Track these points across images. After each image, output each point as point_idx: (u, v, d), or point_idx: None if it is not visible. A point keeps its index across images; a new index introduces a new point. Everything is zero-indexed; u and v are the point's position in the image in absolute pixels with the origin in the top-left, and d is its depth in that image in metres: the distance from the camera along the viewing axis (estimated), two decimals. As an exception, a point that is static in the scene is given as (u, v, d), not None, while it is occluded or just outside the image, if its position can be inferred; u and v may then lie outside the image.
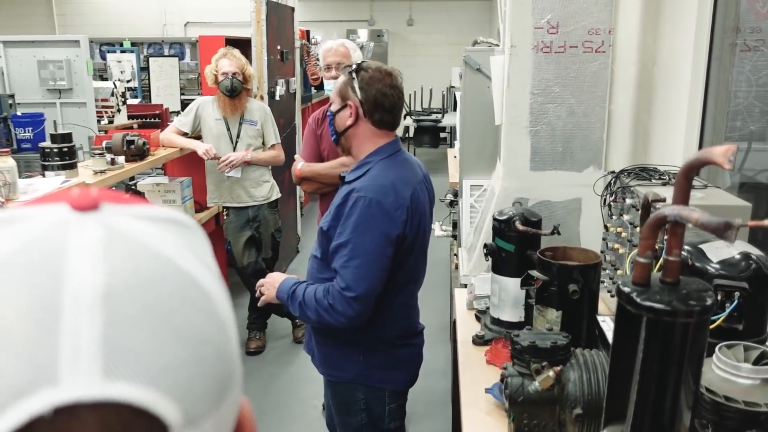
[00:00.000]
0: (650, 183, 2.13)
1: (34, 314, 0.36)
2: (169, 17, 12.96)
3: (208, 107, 3.95)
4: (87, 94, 6.87)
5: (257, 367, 3.95)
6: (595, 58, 2.76)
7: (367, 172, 2.00)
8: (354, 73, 2.01)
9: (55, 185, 2.75)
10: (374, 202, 1.89)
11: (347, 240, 1.89)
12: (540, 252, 1.77)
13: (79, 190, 0.43)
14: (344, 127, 2.02)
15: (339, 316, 1.89)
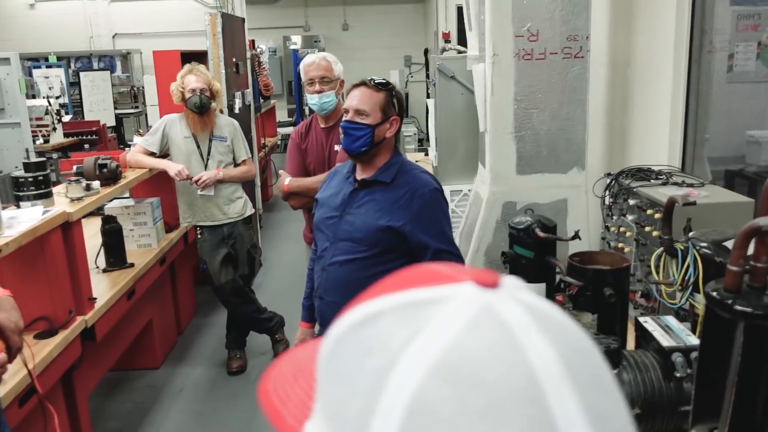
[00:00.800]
0: (650, 184, 2.22)
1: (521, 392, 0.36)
2: (95, 29, 12.49)
3: (175, 125, 3.84)
4: (21, 113, 6.54)
5: (242, 386, 3.88)
6: (574, 63, 2.86)
7: (403, 170, 2.21)
8: (391, 92, 2.20)
9: (37, 216, 2.62)
10: (438, 190, 2.22)
11: (446, 228, 2.21)
12: (569, 258, 1.83)
13: (481, 270, 0.43)
14: (382, 138, 2.18)
15: None
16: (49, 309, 2.70)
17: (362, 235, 2.14)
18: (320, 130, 3.17)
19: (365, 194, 2.20)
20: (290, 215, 7.85)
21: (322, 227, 2.28)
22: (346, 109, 2.21)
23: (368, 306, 0.43)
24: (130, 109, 11.44)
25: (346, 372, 0.41)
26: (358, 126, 2.16)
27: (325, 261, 2.24)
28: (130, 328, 3.66)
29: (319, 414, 0.43)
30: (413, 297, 0.41)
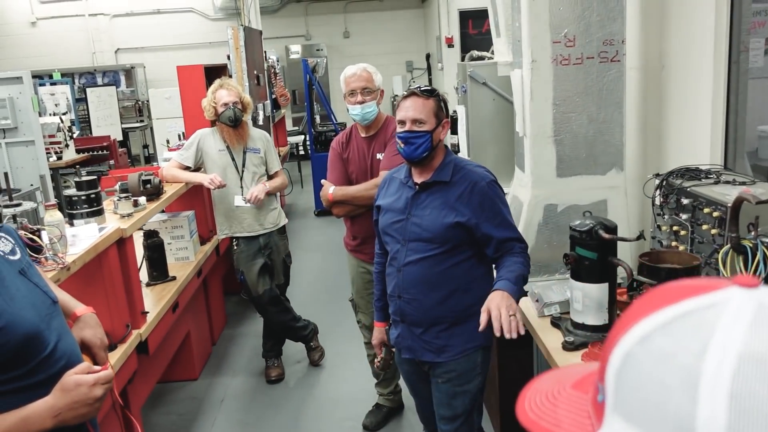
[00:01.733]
0: (701, 183, 2.29)
1: None
2: (97, 45, 12.54)
3: (209, 139, 3.90)
4: (34, 131, 6.62)
5: (282, 394, 3.93)
6: (611, 67, 2.92)
7: (458, 167, 2.35)
8: (438, 97, 2.34)
9: (94, 233, 2.68)
10: (494, 181, 2.38)
11: (505, 212, 2.35)
12: (639, 258, 1.89)
13: (737, 275, 0.51)
14: (438, 141, 2.33)
15: None
16: (107, 324, 2.74)
17: (432, 234, 2.27)
18: (361, 139, 3.23)
19: (427, 195, 2.33)
20: (306, 223, 7.92)
21: (391, 231, 2.39)
22: (402, 121, 2.29)
23: (648, 322, 0.49)
24: (135, 123, 11.49)
25: (651, 376, 0.47)
26: (417, 134, 2.27)
27: (399, 262, 2.36)
28: (173, 340, 3.71)
29: (619, 421, 0.49)
30: (690, 307, 0.48)
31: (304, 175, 10.20)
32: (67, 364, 1.59)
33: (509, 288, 2.13)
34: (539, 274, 3.06)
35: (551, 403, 0.58)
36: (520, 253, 2.31)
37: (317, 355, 4.24)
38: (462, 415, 2.38)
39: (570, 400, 0.58)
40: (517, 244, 2.32)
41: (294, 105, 12.08)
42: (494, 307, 2.05)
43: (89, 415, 1.50)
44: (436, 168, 2.33)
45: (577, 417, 0.55)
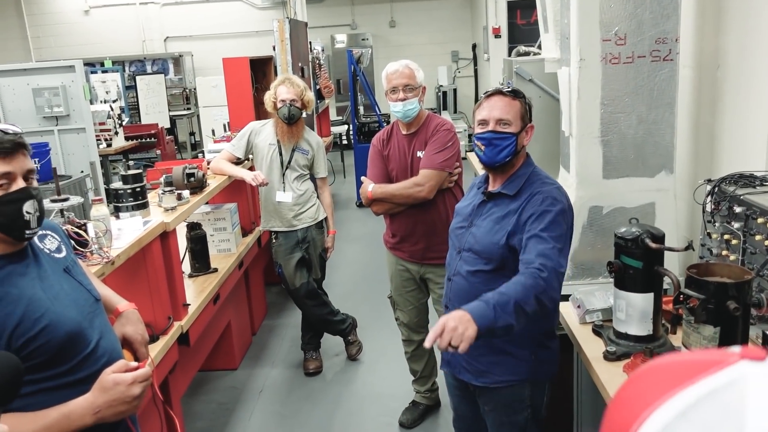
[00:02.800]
0: (756, 191, 2.19)
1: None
2: (147, 33, 12.77)
3: (261, 132, 3.92)
4: (85, 119, 6.76)
5: (319, 387, 3.96)
6: (663, 66, 2.83)
7: (529, 182, 2.17)
8: (524, 99, 2.20)
9: (139, 227, 2.72)
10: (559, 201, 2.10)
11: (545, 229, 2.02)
12: (687, 270, 1.83)
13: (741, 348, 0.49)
14: (522, 146, 2.20)
15: (554, 292, 1.98)
16: (150, 316, 2.80)
17: (481, 247, 2.14)
18: (402, 136, 3.20)
19: (492, 206, 2.19)
20: (348, 214, 7.94)
21: (453, 237, 2.31)
22: (484, 120, 2.15)
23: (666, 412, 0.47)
24: (182, 111, 11.69)
25: None
26: (502, 135, 2.12)
27: (451, 270, 2.27)
28: (214, 331, 3.76)
29: None
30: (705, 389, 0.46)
31: (346, 165, 10.23)
32: (108, 361, 1.62)
33: (476, 310, 1.82)
34: (582, 277, 3.00)
35: None
36: (530, 274, 1.93)
37: (355, 350, 4.25)
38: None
39: None
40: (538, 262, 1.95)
41: (338, 94, 12.10)
42: (442, 322, 1.81)
43: (128, 413, 1.53)
44: (509, 177, 2.18)
45: None
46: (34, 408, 1.46)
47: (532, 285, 1.90)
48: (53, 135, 6.82)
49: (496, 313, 1.82)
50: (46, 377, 1.51)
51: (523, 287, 1.89)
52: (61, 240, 1.76)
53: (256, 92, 5.42)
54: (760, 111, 2.59)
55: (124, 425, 1.65)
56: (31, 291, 1.53)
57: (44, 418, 1.45)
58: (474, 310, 1.81)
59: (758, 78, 2.60)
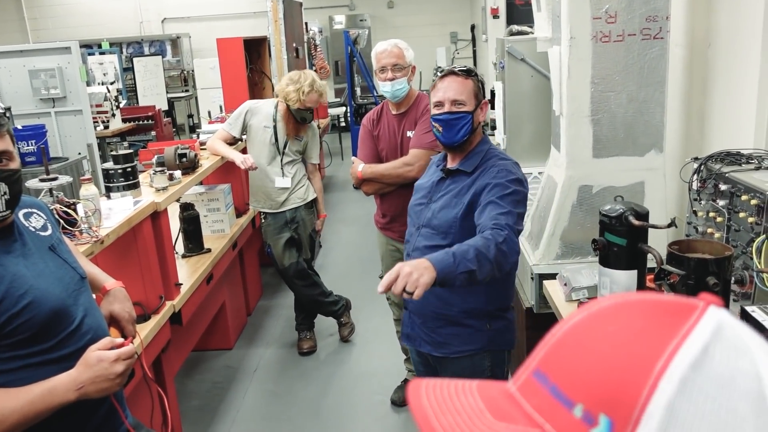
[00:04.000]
0: (742, 168, 2.20)
1: None
2: (145, 14, 12.71)
3: (258, 114, 3.90)
4: (82, 101, 6.74)
5: (313, 366, 3.99)
6: (653, 44, 2.82)
7: (486, 158, 2.21)
8: (476, 77, 2.24)
9: (129, 207, 2.73)
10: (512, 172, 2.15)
11: (509, 192, 2.07)
12: (668, 246, 1.83)
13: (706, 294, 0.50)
14: (478, 124, 2.24)
15: (514, 245, 1.99)
16: (141, 295, 2.82)
17: (438, 222, 2.19)
18: (392, 116, 3.20)
19: (450, 182, 2.25)
20: (345, 196, 7.95)
21: (412, 213, 2.35)
22: (440, 102, 2.20)
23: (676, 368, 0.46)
24: (180, 93, 11.65)
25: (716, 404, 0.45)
26: (458, 115, 2.17)
27: (410, 246, 2.31)
28: (208, 310, 3.79)
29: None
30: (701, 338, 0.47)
31: (344, 147, 10.22)
32: (93, 338, 1.64)
33: (435, 257, 1.81)
34: (571, 256, 3.01)
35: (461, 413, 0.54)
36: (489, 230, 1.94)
37: (347, 331, 4.27)
38: None
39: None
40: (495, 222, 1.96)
41: (336, 76, 12.05)
42: (397, 268, 1.76)
43: (111, 390, 1.55)
44: (467, 154, 2.24)
45: None
46: (18, 384, 1.48)
47: (491, 236, 1.91)
48: (50, 117, 6.81)
49: (455, 259, 1.81)
50: (30, 353, 1.53)
51: (483, 238, 1.90)
52: (47, 218, 1.77)
53: (250, 73, 5.41)
54: (749, 89, 2.59)
55: (108, 402, 1.67)
56: (14, 268, 1.54)
57: (27, 394, 1.47)
58: (433, 257, 1.80)
59: (748, 57, 2.59)
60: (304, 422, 3.46)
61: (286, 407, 3.61)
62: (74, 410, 1.54)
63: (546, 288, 2.60)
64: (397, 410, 3.50)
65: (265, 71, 5.59)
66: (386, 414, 3.49)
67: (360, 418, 3.48)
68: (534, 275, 2.95)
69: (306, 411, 3.56)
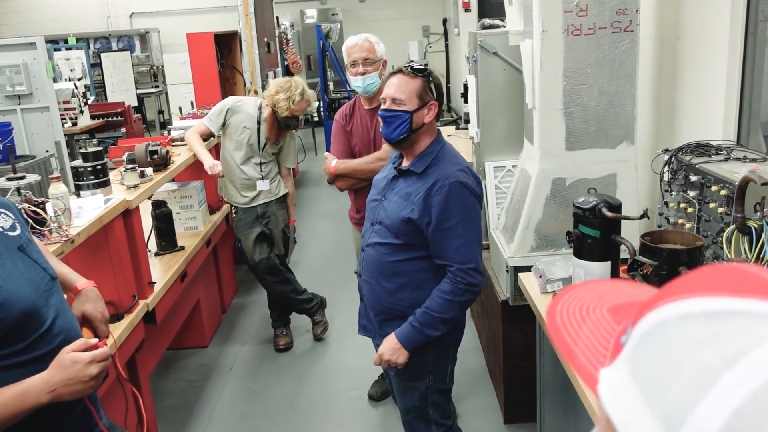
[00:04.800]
0: (711, 160, 2.23)
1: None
2: (112, 9, 12.48)
3: (239, 114, 3.83)
4: (49, 97, 6.62)
5: (290, 363, 3.97)
6: (623, 37, 2.84)
7: (436, 160, 2.20)
8: (428, 77, 2.21)
9: (100, 205, 2.69)
10: (465, 184, 2.14)
11: (457, 222, 2.12)
12: (641, 237, 1.86)
13: None
14: (421, 124, 2.20)
15: (475, 288, 2.15)
16: (114, 294, 2.78)
17: (390, 222, 2.21)
18: (364, 111, 3.20)
19: (401, 182, 2.26)
20: (319, 192, 7.92)
21: (368, 208, 2.37)
22: (384, 99, 2.23)
23: (705, 303, 0.45)
24: (150, 89, 11.48)
25: (672, 356, 0.44)
26: (395, 113, 2.18)
27: (365, 241, 2.35)
28: (182, 309, 3.75)
29: (625, 373, 0.47)
30: (758, 308, 0.43)
31: (317, 142, 10.17)
32: (65, 339, 1.60)
33: (403, 335, 2.14)
34: (545, 249, 3.04)
35: (581, 317, 0.57)
36: (451, 281, 2.14)
37: (320, 330, 4.24)
38: (412, 411, 2.35)
39: (599, 323, 0.56)
40: (457, 264, 2.13)
41: (309, 71, 11.98)
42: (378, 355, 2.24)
43: (85, 392, 1.52)
44: (416, 156, 2.23)
45: (597, 343, 0.54)
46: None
47: (452, 291, 2.13)
48: (16, 114, 6.66)
49: (422, 334, 2.13)
50: (1, 356, 1.49)
51: (444, 300, 2.12)
52: (15, 218, 1.73)
53: (221, 68, 5.35)
54: (717, 81, 2.63)
55: (82, 405, 1.64)
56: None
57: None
58: (401, 336, 2.13)
59: (716, 49, 2.63)
60: (281, 419, 3.44)
61: (263, 404, 3.60)
62: (48, 413, 1.51)
63: (521, 280, 2.62)
64: (374, 405, 3.51)
65: (236, 66, 5.53)
66: (364, 409, 3.50)
67: (337, 413, 3.48)
68: (509, 268, 2.97)
69: (283, 407, 3.54)
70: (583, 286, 0.63)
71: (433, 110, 2.22)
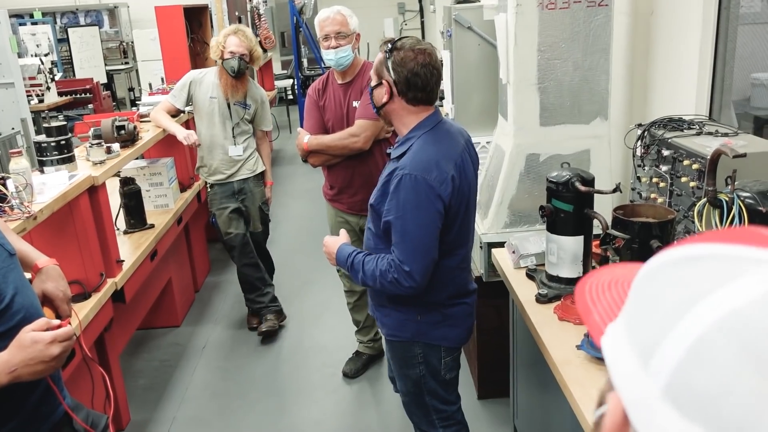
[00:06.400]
0: (683, 134, 2.23)
1: None
2: (79, -18, 12.12)
3: (201, 84, 3.73)
4: (14, 73, 6.44)
5: (265, 342, 3.94)
6: (598, 12, 2.82)
7: (410, 148, 2.03)
8: (388, 52, 2.02)
9: (64, 181, 2.61)
10: (419, 179, 1.94)
11: (397, 217, 1.96)
12: (613, 211, 1.85)
13: None
14: (381, 104, 2.07)
15: (401, 287, 2.00)
16: (81, 273, 2.72)
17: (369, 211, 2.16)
18: (337, 86, 3.14)
19: (388, 164, 2.15)
20: (293, 170, 7.84)
21: None
22: None
23: (693, 248, 0.48)
24: (120, 65, 11.21)
25: (655, 295, 0.47)
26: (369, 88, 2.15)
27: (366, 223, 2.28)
28: (153, 288, 3.69)
29: (622, 321, 0.50)
30: (737, 252, 0.46)
31: (292, 120, 10.06)
32: (25, 317, 1.55)
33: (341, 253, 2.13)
34: (519, 225, 3.03)
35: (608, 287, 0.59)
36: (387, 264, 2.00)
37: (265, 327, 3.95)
38: (408, 394, 2.30)
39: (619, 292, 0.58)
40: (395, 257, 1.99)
41: (283, 48, 11.79)
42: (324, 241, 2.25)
43: (46, 372, 1.48)
44: (399, 140, 2.12)
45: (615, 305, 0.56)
46: (-55, 367, 1.39)
47: (382, 273, 2.02)
48: (-21, 91, 6.47)
49: (348, 268, 2.13)
50: (-43, 335, 1.44)
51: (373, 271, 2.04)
52: None
53: (192, 43, 5.23)
54: (690, 56, 2.62)
55: (44, 384, 1.60)
56: (-64, 246, 1.45)
57: None
58: (340, 252, 2.15)
59: (689, 24, 2.62)
60: (255, 397, 3.42)
61: (236, 383, 3.56)
62: (8, 394, 1.47)
63: (495, 256, 2.61)
64: (349, 382, 3.50)
65: (207, 41, 5.41)
66: (338, 386, 3.48)
67: (312, 391, 3.46)
68: (483, 244, 2.96)
69: (257, 386, 3.52)
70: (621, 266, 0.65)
71: (387, 89, 2.02)
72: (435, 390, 2.24)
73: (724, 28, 2.50)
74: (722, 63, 2.54)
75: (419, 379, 2.23)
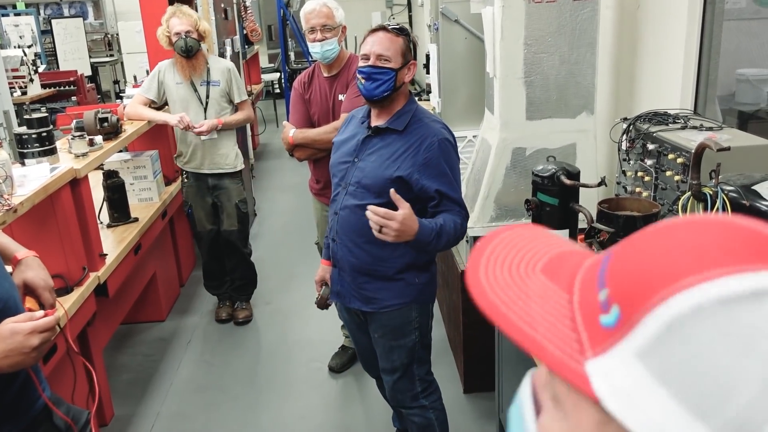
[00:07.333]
0: (668, 128, 2.24)
1: None
2: (63, -26, 11.97)
3: (168, 72, 3.71)
4: (-5, 65, 6.35)
5: (250, 336, 3.89)
6: (584, 5, 2.82)
7: (415, 118, 2.21)
8: (408, 36, 2.21)
9: (45, 174, 2.58)
10: (450, 141, 2.21)
11: (453, 177, 2.19)
12: (598, 204, 1.85)
13: None
14: (402, 83, 2.20)
15: (465, 230, 2.24)
16: (63, 267, 2.68)
17: (371, 182, 2.18)
18: (323, 79, 3.12)
19: (378, 141, 2.22)
20: (280, 164, 7.81)
21: (336, 171, 2.31)
22: (366, 55, 2.18)
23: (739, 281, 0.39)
24: (105, 58, 11.10)
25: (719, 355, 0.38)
26: (382, 70, 2.15)
27: (338, 205, 2.29)
28: (137, 282, 3.66)
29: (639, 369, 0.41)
30: None
31: (279, 114, 10.01)
32: (3, 309, 1.53)
33: (424, 230, 2.03)
34: (505, 219, 3.03)
35: (520, 290, 0.49)
36: (458, 214, 2.18)
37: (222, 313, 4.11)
38: (400, 368, 2.36)
39: (544, 293, 0.49)
40: (458, 208, 2.19)
41: (270, 41, 11.72)
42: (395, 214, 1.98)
43: (25, 364, 1.45)
44: (394, 114, 2.21)
45: (557, 323, 0.46)
46: None
47: (460, 223, 2.17)
48: (-40, 83, 6.37)
49: (432, 240, 2.07)
50: (-67, 328, 1.42)
51: (455, 228, 2.14)
52: None
53: (177, 35, 5.15)
54: (675, 50, 2.63)
55: (24, 376, 1.57)
56: None
57: None
58: (423, 229, 2.03)
59: (675, 18, 2.63)
60: (241, 391, 3.40)
61: (222, 377, 3.55)
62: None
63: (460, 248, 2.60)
64: (334, 377, 3.49)
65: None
66: (324, 381, 3.48)
67: (297, 385, 3.45)
68: (469, 238, 2.96)
69: (243, 380, 3.50)
70: (489, 240, 0.55)
71: (413, 70, 2.22)
72: (423, 358, 2.39)
73: (709, 24, 2.51)
74: (707, 58, 2.55)
75: (414, 346, 2.34)
